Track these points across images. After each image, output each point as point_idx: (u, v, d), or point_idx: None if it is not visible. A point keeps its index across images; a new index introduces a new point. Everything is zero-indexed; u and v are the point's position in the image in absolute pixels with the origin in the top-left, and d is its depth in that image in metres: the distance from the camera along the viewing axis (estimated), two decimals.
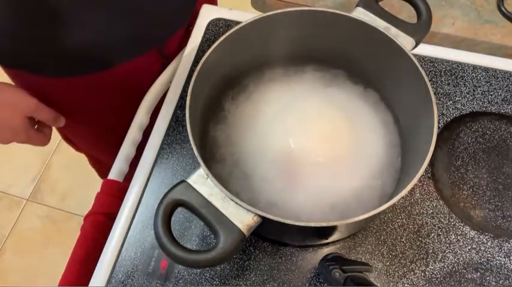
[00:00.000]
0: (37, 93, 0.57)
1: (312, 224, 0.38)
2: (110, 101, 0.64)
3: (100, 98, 0.64)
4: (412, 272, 0.49)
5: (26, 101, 0.55)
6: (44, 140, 0.61)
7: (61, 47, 0.53)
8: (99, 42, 0.55)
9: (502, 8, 0.69)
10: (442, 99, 0.59)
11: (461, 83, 0.60)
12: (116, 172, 0.56)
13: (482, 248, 0.50)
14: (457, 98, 0.59)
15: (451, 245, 0.50)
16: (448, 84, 0.59)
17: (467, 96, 0.59)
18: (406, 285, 0.48)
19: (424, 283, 0.48)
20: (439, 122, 0.57)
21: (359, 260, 0.49)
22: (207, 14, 0.65)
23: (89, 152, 0.84)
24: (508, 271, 0.49)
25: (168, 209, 0.37)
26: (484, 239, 0.51)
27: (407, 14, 0.56)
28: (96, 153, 0.83)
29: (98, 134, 0.72)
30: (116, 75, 0.60)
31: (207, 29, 0.64)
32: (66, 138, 0.79)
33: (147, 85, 0.62)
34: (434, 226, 0.51)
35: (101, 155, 0.83)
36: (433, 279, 0.49)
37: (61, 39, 0.52)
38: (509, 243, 0.51)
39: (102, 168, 0.91)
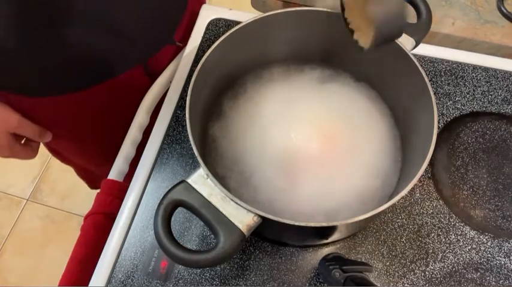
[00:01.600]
0: (19, 111, 0.57)
1: (312, 224, 0.38)
2: (95, 116, 0.64)
3: (85, 114, 0.63)
4: (412, 272, 0.49)
5: (8, 118, 0.55)
6: (31, 153, 0.61)
7: (42, 67, 0.53)
8: (80, 61, 0.54)
9: (502, 8, 0.69)
10: (442, 99, 0.59)
11: (461, 83, 0.60)
12: (116, 172, 0.56)
13: (482, 248, 0.50)
14: (457, 98, 0.59)
15: (451, 245, 0.50)
16: (448, 84, 0.59)
17: (467, 96, 0.59)
18: (406, 285, 0.48)
19: (424, 283, 0.48)
20: (439, 122, 0.57)
21: (359, 260, 0.49)
22: (207, 14, 0.65)
23: (76, 162, 0.83)
24: (508, 271, 0.49)
25: (168, 209, 0.37)
26: (484, 239, 0.51)
27: (408, 14, 0.56)
28: (83, 163, 0.81)
29: (85, 147, 0.72)
30: (99, 92, 0.59)
31: (207, 29, 0.64)
32: (52, 150, 0.78)
33: (133, 101, 0.61)
34: (434, 226, 0.51)
35: (88, 165, 0.81)
36: (433, 279, 0.49)
37: (42, 59, 0.52)
38: (509, 243, 0.51)
39: (90, 177, 0.91)
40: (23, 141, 0.60)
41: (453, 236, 0.51)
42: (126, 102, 0.61)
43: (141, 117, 0.60)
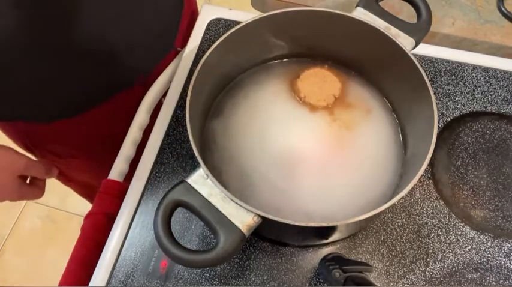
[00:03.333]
0: (29, 136, 0.57)
1: (312, 224, 0.38)
2: (106, 131, 0.63)
3: (96, 131, 0.63)
4: (412, 272, 0.49)
5: (15, 162, 0.55)
6: (39, 193, 0.61)
7: (52, 93, 0.53)
8: (87, 81, 0.54)
9: (502, 8, 0.69)
10: (442, 99, 0.59)
11: (461, 83, 0.60)
12: (116, 172, 0.56)
13: (482, 248, 0.50)
14: (457, 98, 0.59)
15: (451, 245, 0.50)
16: (448, 84, 0.59)
17: (467, 96, 0.59)
18: (406, 285, 0.48)
19: (424, 283, 0.48)
20: (439, 122, 0.57)
21: (359, 260, 0.49)
22: (207, 14, 0.65)
23: (82, 180, 0.80)
24: (508, 271, 0.49)
25: (168, 210, 0.37)
26: (484, 239, 0.51)
27: (407, 14, 0.56)
28: (90, 179, 0.80)
29: (95, 163, 0.70)
30: (108, 108, 0.59)
31: (207, 29, 0.64)
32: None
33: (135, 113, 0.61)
34: (434, 226, 0.51)
35: (94, 181, 0.80)
36: (433, 279, 0.49)
37: (41, 87, 0.52)
38: (509, 243, 0.51)
39: (93, 193, 0.90)
40: (28, 181, 0.59)
41: (453, 236, 0.51)
42: (130, 115, 0.61)
43: (141, 117, 0.59)
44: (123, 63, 0.56)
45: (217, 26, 0.64)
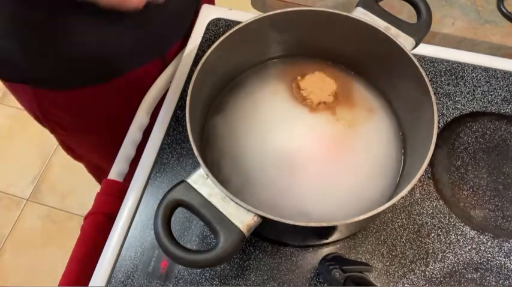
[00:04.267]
0: (43, 102, 0.57)
1: (312, 224, 0.38)
2: (116, 109, 0.64)
3: (106, 107, 0.64)
4: (412, 272, 0.49)
5: None
6: None
7: (70, 60, 0.54)
8: (107, 53, 0.55)
9: (502, 8, 0.69)
10: (442, 99, 0.59)
11: (461, 83, 0.60)
12: (116, 172, 0.56)
13: (482, 248, 0.50)
14: (457, 98, 0.59)
15: (451, 245, 0.50)
16: (448, 84, 0.59)
17: (467, 96, 0.59)
18: (406, 285, 0.48)
19: (424, 283, 0.48)
20: (439, 122, 0.57)
21: (359, 260, 0.49)
22: (207, 14, 0.65)
23: (91, 159, 0.83)
24: (508, 271, 0.49)
25: (168, 210, 0.37)
26: (484, 239, 0.51)
27: (407, 14, 0.56)
28: (98, 160, 0.82)
29: (103, 142, 0.72)
30: (121, 84, 0.60)
31: (207, 29, 0.64)
32: (66, 146, 0.78)
33: None
34: (434, 226, 0.51)
35: (103, 163, 0.82)
36: (433, 279, 0.49)
37: (70, 53, 0.52)
38: (509, 243, 0.51)
39: (102, 174, 0.91)
40: None
41: (453, 236, 0.51)
42: (143, 96, 0.62)
43: (141, 117, 0.60)
44: (153, 30, 0.57)
45: (217, 26, 0.64)
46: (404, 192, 0.39)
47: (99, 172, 0.90)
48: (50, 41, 0.51)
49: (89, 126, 0.67)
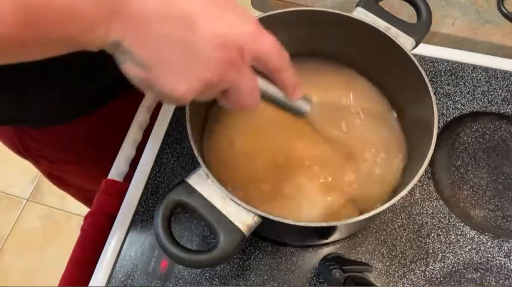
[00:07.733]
0: (25, 140, 0.55)
1: (312, 224, 0.38)
2: (105, 136, 0.62)
3: (95, 136, 0.62)
4: (412, 272, 0.49)
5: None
6: (255, 97, 0.35)
7: (49, 98, 0.52)
8: (89, 86, 0.54)
9: (502, 8, 0.69)
10: (442, 99, 0.59)
11: (461, 83, 0.60)
12: (116, 172, 0.56)
13: (482, 248, 0.50)
14: (457, 98, 0.59)
15: (451, 245, 0.50)
16: (448, 84, 0.59)
17: (467, 96, 0.59)
18: (406, 285, 0.48)
19: (424, 283, 0.48)
20: (439, 122, 0.57)
21: (359, 260, 0.49)
22: None
23: (80, 185, 0.78)
24: (508, 271, 0.49)
25: (168, 210, 0.37)
26: (484, 239, 0.51)
27: (407, 14, 0.56)
28: (87, 184, 0.77)
29: (94, 167, 0.68)
30: (101, 116, 0.59)
31: None
32: (54, 177, 0.74)
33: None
34: (434, 226, 0.51)
35: (92, 186, 0.78)
36: (433, 279, 0.49)
37: (43, 96, 0.51)
38: (509, 243, 0.51)
39: (92, 195, 0.89)
40: None
41: (453, 236, 0.51)
42: (129, 117, 0.60)
43: (141, 117, 0.59)
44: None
45: None
46: (404, 192, 0.39)
47: (88, 194, 0.87)
48: (31, 85, 0.48)
49: (79, 157, 0.65)
